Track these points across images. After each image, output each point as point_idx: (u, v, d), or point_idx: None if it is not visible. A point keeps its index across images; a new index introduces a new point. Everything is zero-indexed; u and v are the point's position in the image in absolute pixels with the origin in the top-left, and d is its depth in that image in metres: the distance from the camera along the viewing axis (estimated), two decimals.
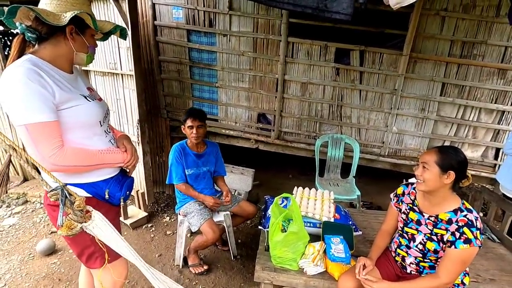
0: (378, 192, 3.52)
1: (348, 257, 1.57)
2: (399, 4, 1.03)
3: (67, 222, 0.79)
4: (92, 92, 1.24)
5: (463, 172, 1.28)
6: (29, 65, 0.96)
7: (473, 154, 2.74)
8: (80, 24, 1.08)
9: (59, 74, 1.07)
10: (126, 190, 1.29)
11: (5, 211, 2.91)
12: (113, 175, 1.26)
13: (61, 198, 0.73)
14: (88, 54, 1.16)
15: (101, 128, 1.21)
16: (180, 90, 2.99)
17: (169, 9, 2.68)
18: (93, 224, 0.86)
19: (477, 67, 2.47)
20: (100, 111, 1.19)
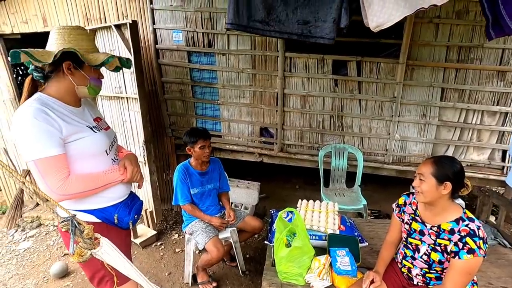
0: (386, 199, 3.49)
1: (355, 270, 1.56)
2: (379, 27, 1.08)
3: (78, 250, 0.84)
4: (99, 122, 1.31)
5: (460, 181, 1.28)
6: (37, 105, 1.05)
7: (479, 157, 2.71)
8: (77, 59, 1.13)
9: (66, 109, 1.15)
10: (134, 214, 1.33)
11: (20, 235, 3.00)
12: (121, 200, 1.31)
13: (71, 228, 0.78)
14: (89, 86, 1.19)
15: (108, 156, 1.26)
16: (183, 109, 3.08)
17: (170, 33, 2.79)
18: (101, 250, 0.91)
19: (476, 71, 2.47)
20: (106, 140, 1.25)
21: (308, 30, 1.22)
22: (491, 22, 1.16)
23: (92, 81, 1.20)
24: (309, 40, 1.26)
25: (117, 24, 2.43)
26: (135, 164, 1.33)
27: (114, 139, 1.37)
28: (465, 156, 2.72)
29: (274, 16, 1.29)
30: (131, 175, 1.28)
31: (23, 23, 2.90)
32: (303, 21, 1.24)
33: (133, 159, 1.36)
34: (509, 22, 1.03)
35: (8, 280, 2.39)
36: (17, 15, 2.88)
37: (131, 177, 1.29)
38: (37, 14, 2.85)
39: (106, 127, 1.35)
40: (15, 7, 2.85)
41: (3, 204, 3.61)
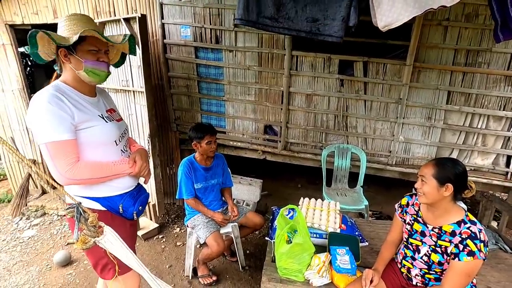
0: (388, 201, 3.49)
1: (354, 268, 1.57)
2: (388, 27, 1.08)
3: (82, 237, 0.86)
4: (112, 113, 1.34)
5: (462, 183, 1.28)
6: (52, 91, 1.10)
7: (483, 162, 2.70)
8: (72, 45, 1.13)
9: (80, 97, 1.20)
10: (139, 205, 1.36)
11: (25, 223, 3.05)
12: (127, 190, 1.34)
13: (76, 216, 0.80)
14: (85, 70, 1.17)
15: (117, 147, 1.29)
16: (189, 104, 3.10)
17: (178, 28, 2.81)
18: (105, 239, 0.92)
19: (483, 75, 2.46)
20: (115, 131, 1.28)
21: (317, 28, 1.23)
22: (500, 24, 1.15)
23: (88, 64, 1.17)
24: (318, 38, 1.27)
25: (126, 18, 2.45)
26: (145, 160, 1.37)
27: (125, 131, 1.40)
28: (469, 160, 2.71)
29: (284, 13, 1.30)
30: (139, 170, 1.32)
31: (33, 14, 2.93)
32: (312, 19, 1.25)
33: (143, 154, 1.39)
34: None
35: (13, 267, 2.44)
36: (28, 6, 2.91)
37: (139, 171, 1.32)
38: (47, 6, 2.88)
39: (119, 118, 1.38)
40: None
41: (9, 193, 3.67)
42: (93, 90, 1.29)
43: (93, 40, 1.17)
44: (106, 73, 1.24)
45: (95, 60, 1.19)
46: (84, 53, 1.17)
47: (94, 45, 1.18)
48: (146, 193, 1.47)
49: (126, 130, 1.42)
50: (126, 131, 1.43)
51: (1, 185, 4.03)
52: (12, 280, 2.29)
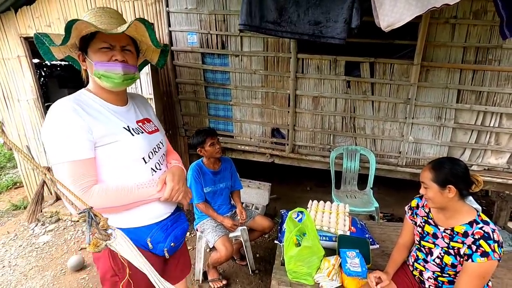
0: (399, 203, 3.42)
1: (365, 271, 1.55)
2: (390, 27, 1.08)
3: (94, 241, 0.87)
4: (144, 124, 1.13)
5: (465, 181, 1.25)
6: (69, 102, 0.95)
7: (497, 161, 2.63)
8: (84, 45, 0.99)
9: (104, 106, 1.02)
10: (171, 241, 1.11)
11: (40, 229, 3.13)
12: (158, 220, 1.10)
13: (88, 220, 0.81)
14: (95, 73, 0.98)
15: (145, 165, 1.06)
16: (196, 109, 3.14)
17: (184, 35, 2.86)
18: (116, 242, 0.93)
19: (494, 72, 2.40)
20: (144, 146, 1.06)
21: (320, 31, 1.24)
22: (506, 20, 1.13)
23: (98, 66, 0.97)
24: (320, 40, 1.28)
25: None
26: (178, 181, 1.10)
27: (159, 144, 1.15)
28: (483, 159, 2.64)
29: (286, 17, 1.31)
30: (169, 194, 1.06)
31: (46, 26, 3.04)
32: (315, 22, 1.26)
33: (177, 174, 1.12)
34: None
35: (29, 271, 2.50)
36: (41, 18, 3.02)
37: (169, 196, 1.06)
38: (59, 18, 2.98)
39: (152, 130, 1.14)
40: (39, 11, 2.99)
41: (25, 200, 3.78)
42: (121, 97, 1.09)
43: (103, 35, 0.96)
44: (121, 76, 0.98)
45: (106, 60, 0.97)
46: (94, 53, 0.97)
47: (104, 41, 0.96)
48: (184, 223, 1.20)
49: (160, 143, 1.17)
50: (162, 144, 1.18)
51: (18, 192, 4.15)
52: (28, 285, 2.35)
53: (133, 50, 1.05)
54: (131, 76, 1.03)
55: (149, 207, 1.07)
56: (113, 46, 0.98)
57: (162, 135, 1.20)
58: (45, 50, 1.01)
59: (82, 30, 0.94)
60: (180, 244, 1.21)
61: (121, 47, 1.00)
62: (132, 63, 1.04)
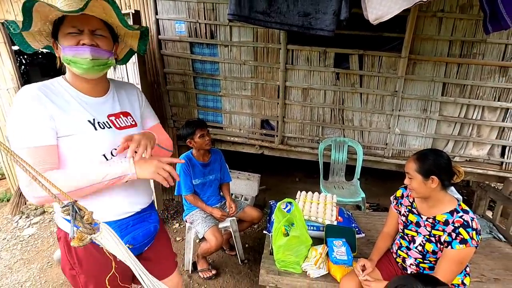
0: (385, 193, 3.51)
1: (350, 260, 1.60)
2: (378, 20, 1.08)
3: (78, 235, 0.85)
4: (118, 118, 1.06)
5: (447, 172, 1.30)
6: (33, 88, 0.92)
7: (478, 152, 2.72)
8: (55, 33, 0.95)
9: (75, 96, 0.98)
10: (128, 242, 1.06)
11: (25, 222, 3.06)
12: (118, 218, 1.06)
13: (72, 213, 0.79)
14: (64, 59, 0.93)
15: (106, 162, 1.00)
16: (185, 100, 3.10)
17: (172, 23, 2.79)
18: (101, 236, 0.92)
19: (478, 66, 2.46)
20: (107, 141, 1.00)
21: (309, 22, 1.24)
22: (489, 16, 1.16)
23: (65, 51, 0.91)
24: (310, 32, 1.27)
25: None
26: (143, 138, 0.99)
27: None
28: (465, 151, 2.73)
29: (275, 8, 1.30)
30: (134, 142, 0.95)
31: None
32: (304, 13, 1.25)
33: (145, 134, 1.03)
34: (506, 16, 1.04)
35: (14, 264, 2.46)
36: (20, 3, 2.87)
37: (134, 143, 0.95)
38: None
39: (124, 126, 1.06)
40: None
41: (8, 192, 3.67)
42: (99, 87, 1.04)
43: (70, 19, 0.91)
44: (89, 61, 0.92)
45: (73, 44, 0.91)
46: (63, 38, 0.92)
47: (72, 25, 0.91)
48: (150, 225, 1.14)
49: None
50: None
51: (0, 184, 4.03)
52: (13, 278, 2.31)
53: (106, 35, 0.98)
54: (103, 62, 0.96)
55: (110, 203, 1.03)
56: (81, 31, 0.92)
57: (137, 132, 1.08)
58: (20, 40, 0.96)
59: (48, 14, 0.89)
60: (143, 246, 1.15)
61: (90, 31, 0.93)
62: (105, 48, 0.97)
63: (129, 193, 1.08)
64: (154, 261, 1.24)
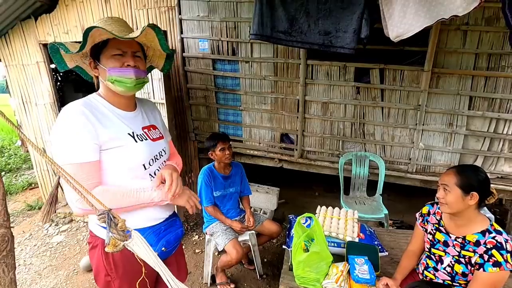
0: (409, 210, 3.38)
1: (373, 279, 1.54)
2: (399, 37, 1.09)
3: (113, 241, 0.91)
4: (150, 131, 1.15)
5: (487, 190, 1.25)
6: (77, 105, 0.98)
7: (511, 169, 2.58)
8: (96, 53, 1.03)
9: (112, 111, 1.06)
10: (163, 245, 1.13)
11: (54, 229, 3.22)
12: (152, 224, 1.13)
13: (107, 221, 0.85)
14: (109, 79, 1.01)
15: (145, 171, 1.09)
16: (207, 114, 3.19)
17: (196, 41, 2.93)
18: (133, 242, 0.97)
19: (507, 79, 2.37)
20: (146, 152, 1.08)
21: (329, 41, 1.27)
22: None
23: (111, 72, 1.01)
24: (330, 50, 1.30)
25: None
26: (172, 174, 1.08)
27: (162, 152, 1.18)
28: (496, 167, 2.59)
29: (297, 27, 1.34)
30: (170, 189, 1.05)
31: (64, 33, 3.16)
32: (325, 32, 1.28)
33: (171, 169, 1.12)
34: None
35: (43, 271, 2.58)
36: (59, 26, 3.15)
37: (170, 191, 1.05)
38: (77, 25, 3.10)
39: (157, 137, 1.17)
40: (58, 19, 3.11)
41: (39, 200, 3.89)
42: (130, 103, 1.12)
43: (115, 42, 1.01)
44: (133, 80, 1.02)
45: (119, 66, 1.01)
46: (107, 59, 1.02)
47: (117, 47, 1.01)
48: (178, 229, 1.22)
49: (163, 150, 1.19)
50: (164, 152, 1.19)
51: (33, 193, 4.28)
52: (42, 283, 2.42)
53: (142, 56, 1.10)
54: (142, 81, 1.07)
55: (144, 210, 1.09)
56: (125, 53, 1.02)
57: (165, 143, 1.23)
58: (58, 59, 1.06)
59: (96, 37, 0.99)
60: (173, 249, 1.22)
61: (132, 53, 1.04)
62: (143, 68, 1.08)
63: None
64: (175, 266, 1.30)
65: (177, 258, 1.33)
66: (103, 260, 1.11)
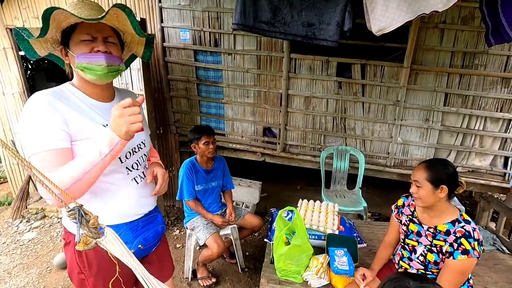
0: (387, 202, 3.49)
1: (352, 270, 1.59)
2: (381, 31, 1.10)
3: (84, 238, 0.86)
4: None
5: (455, 183, 1.30)
6: (46, 94, 0.93)
7: (481, 163, 2.71)
8: (65, 39, 0.96)
9: (85, 102, 0.99)
10: (139, 243, 1.10)
11: (25, 226, 3.06)
12: (129, 220, 1.09)
13: (78, 218, 0.80)
14: (78, 66, 0.94)
15: (122, 164, 1.04)
16: (188, 107, 3.12)
17: (177, 31, 2.83)
18: (106, 240, 0.92)
19: (480, 77, 2.48)
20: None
21: (313, 32, 1.26)
22: (491, 29, 1.18)
23: (80, 58, 0.93)
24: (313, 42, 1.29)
25: None
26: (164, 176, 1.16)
27: (140, 145, 1.12)
28: (467, 161, 2.72)
29: (280, 18, 1.32)
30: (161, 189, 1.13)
31: (34, 18, 2.96)
32: (308, 23, 1.27)
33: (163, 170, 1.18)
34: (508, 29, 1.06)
35: (13, 269, 2.45)
36: (28, 10, 2.94)
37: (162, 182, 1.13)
38: None
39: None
40: (26, 2, 2.90)
41: (9, 196, 3.68)
42: (107, 93, 1.06)
43: (84, 27, 0.92)
44: (104, 68, 0.94)
45: (87, 52, 0.93)
46: (76, 45, 0.94)
47: (86, 32, 0.93)
48: (158, 226, 1.19)
49: (143, 143, 1.13)
50: (144, 144, 1.13)
51: (1, 187, 4.04)
52: (12, 283, 2.30)
53: (116, 42, 1.02)
54: (116, 68, 0.99)
55: (121, 206, 1.05)
56: (95, 38, 0.94)
57: (145, 136, 1.16)
58: (27, 47, 0.97)
59: (62, 21, 0.91)
60: (152, 247, 1.19)
61: (103, 38, 0.96)
62: (116, 54, 1.00)
63: (138, 195, 1.11)
64: (157, 264, 1.26)
65: (160, 255, 1.28)
66: (76, 258, 1.06)
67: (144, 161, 1.15)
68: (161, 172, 1.14)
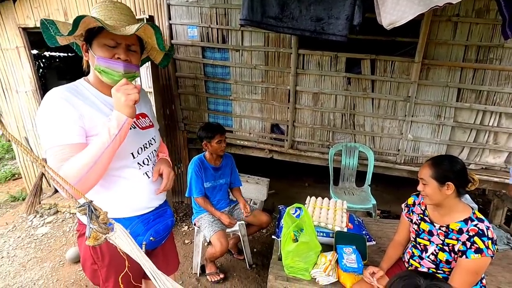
0: (397, 200, 3.45)
1: (361, 267, 1.57)
2: (392, 25, 1.07)
3: (94, 234, 0.88)
4: (138, 119, 1.13)
5: (463, 179, 1.27)
6: (62, 90, 0.95)
7: (495, 160, 2.64)
8: (90, 37, 0.98)
9: (100, 99, 1.02)
10: (151, 235, 1.13)
11: (39, 221, 3.14)
12: (140, 213, 1.12)
13: (88, 213, 0.81)
14: (96, 68, 0.97)
15: (134, 160, 1.07)
16: (196, 104, 3.13)
17: (185, 28, 2.84)
18: (115, 235, 0.94)
19: (495, 71, 2.40)
20: (135, 141, 1.07)
21: (321, 27, 1.23)
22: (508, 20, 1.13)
23: (100, 61, 0.96)
24: (322, 37, 1.27)
25: None
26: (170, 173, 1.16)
27: (151, 141, 1.16)
28: (481, 158, 2.65)
29: (288, 13, 1.30)
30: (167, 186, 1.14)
31: (45, 17, 3.01)
32: (316, 18, 1.25)
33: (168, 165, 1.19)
34: None
35: (27, 263, 2.52)
36: (40, 9, 2.99)
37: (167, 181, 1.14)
38: (58, 9, 2.95)
39: (145, 126, 1.15)
40: (38, 2, 2.96)
41: (23, 191, 3.78)
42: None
43: (110, 32, 0.94)
44: (121, 74, 0.97)
45: (109, 57, 0.96)
46: (98, 47, 0.96)
47: (111, 38, 0.95)
48: (168, 219, 1.22)
49: (153, 139, 1.17)
50: (154, 140, 1.17)
51: (16, 183, 4.16)
52: (27, 276, 2.37)
53: (137, 50, 1.04)
54: (132, 75, 1.02)
55: (132, 199, 1.08)
56: (119, 44, 0.97)
57: (155, 132, 1.20)
58: (49, 35, 1.00)
59: (90, 23, 0.93)
60: (162, 239, 1.22)
61: (126, 46, 0.99)
62: (135, 62, 1.03)
63: (149, 189, 1.14)
64: (163, 257, 1.29)
65: (166, 249, 1.31)
66: (90, 249, 1.10)
67: (154, 157, 1.19)
68: (167, 171, 1.15)
